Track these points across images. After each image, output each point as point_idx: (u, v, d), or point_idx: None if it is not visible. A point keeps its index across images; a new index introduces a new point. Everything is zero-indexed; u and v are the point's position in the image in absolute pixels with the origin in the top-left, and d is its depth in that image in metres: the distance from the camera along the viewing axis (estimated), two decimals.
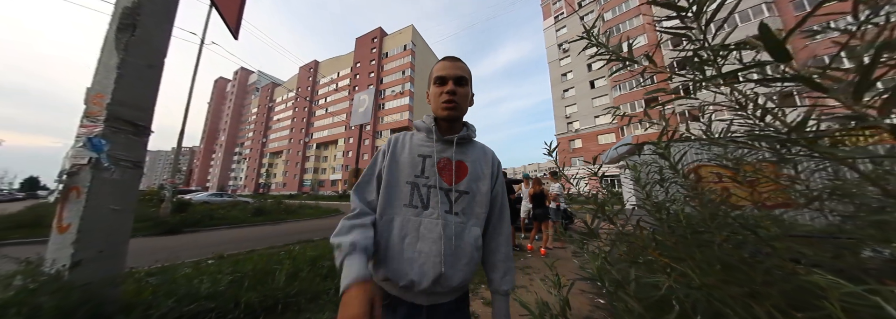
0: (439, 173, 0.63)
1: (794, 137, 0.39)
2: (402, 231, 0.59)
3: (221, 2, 2.42)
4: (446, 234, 0.58)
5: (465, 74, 0.65)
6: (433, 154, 0.64)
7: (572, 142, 27.97)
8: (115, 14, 1.51)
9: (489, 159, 0.71)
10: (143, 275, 1.61)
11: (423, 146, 0.66)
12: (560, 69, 30.49)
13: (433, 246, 0.57)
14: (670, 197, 0.86)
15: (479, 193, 0.64)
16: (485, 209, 0.65)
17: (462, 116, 0.68)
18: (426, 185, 0.62)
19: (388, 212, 0.61)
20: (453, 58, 0.66)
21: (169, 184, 7.40)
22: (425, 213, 0.60)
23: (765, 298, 0.46)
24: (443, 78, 0.64)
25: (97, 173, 1.30)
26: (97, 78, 1.42)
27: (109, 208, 1.32)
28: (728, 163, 0.76)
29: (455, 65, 0.65)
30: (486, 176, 0.68)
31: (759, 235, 0.58)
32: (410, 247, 0.57)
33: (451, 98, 0.62)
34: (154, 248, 3.98)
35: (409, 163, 0.64)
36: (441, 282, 0.56)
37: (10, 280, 1.06)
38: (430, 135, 0.67)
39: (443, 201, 0.61)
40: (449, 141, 0.66)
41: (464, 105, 0.65)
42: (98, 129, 1.34)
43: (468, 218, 0.62)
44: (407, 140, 0.69)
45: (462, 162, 0.66)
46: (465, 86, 0.64)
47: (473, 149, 0.69)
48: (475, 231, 0.62)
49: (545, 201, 3.97)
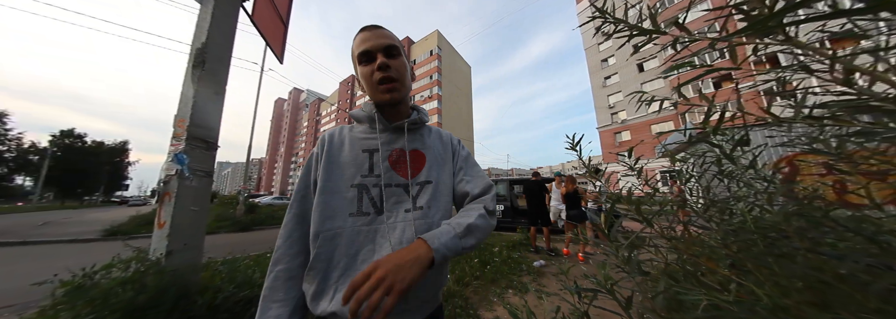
0: (392, 168, 0.53)
1: None
2: (351, 247, 0.47)
3: (268, 34, 2.85)
4: (406, 238, 0.48)
5: (393, 42, 0.52)
6: (380, 147, 0.53)
7: (618, 135, 24.67)
8: (191, 54, 1.90)
9: (447, 141, 0.62)
10: (217, 265, 1.96)
11: (368, 139, 0.54)
12: (599, 55, 27.44)
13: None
14: (734, 194, 0.70)
15: (442, 181, 0.55)
16: (451, 199, 0.57)
17: (406, 95, 0.55)
18: (377, 185, 0.51)
19: (328, 227, 0.48)
20: (373, 27, 0.52)
21: (242, 190, 8.88)
22: (380, 219, 0.49)
23: None
24: (368, 52, 0.50)
25: (182, 181, 1.64)
26: (180, 106, 1.81)
27: (190, 209, 1.66)
28: (820, 148, 0.54)
29: (377, 33, 0.51)
30: (447, 161, 0.59)
31: (884, 244, 0.40)
32: (365, 264, 0.46)
33: (386, 75, 0.50)
34: (231, 243, 4.83)
35: (351, 162, 0.52)
36: (408, 297, 0.45)
37: (128, 264, 1.40)
38: (374, 124, 0.55)
39: (401, 200, 0.51)
40: (398, 128, 0.55)
41: (405, 80, 0.53)
42: (181, 147, 1.69)
43: (434, 212, 0.52)
44: (345, 135, 0.56)
45: (418, 151, 0.55)
46: (397, 56, 0.52)
47: (428, 135, 0.59)
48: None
49: (581, 201, 3.63)
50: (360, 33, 0.52)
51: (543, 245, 3.86)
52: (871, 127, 0.36)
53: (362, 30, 0.53)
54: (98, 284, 1.32)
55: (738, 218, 0.60)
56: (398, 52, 0.53)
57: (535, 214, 3.88)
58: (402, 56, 0.53)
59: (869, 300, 0.35)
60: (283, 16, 2.99)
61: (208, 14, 1.92)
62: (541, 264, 3.19)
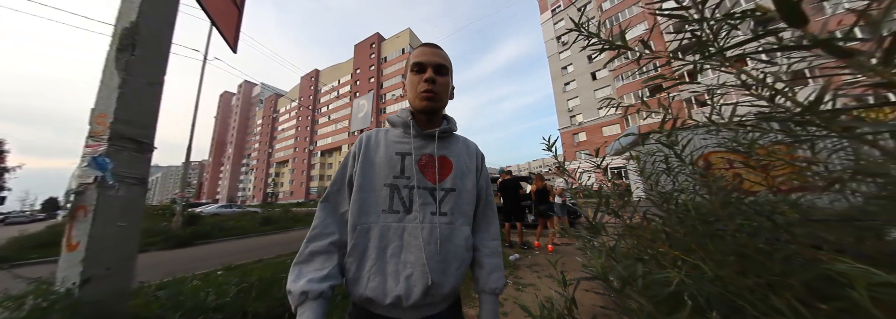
0: (421, 171, 0.57)
1: (809, 116, 0.36)
2: (382, 241, 0.52)
3: (219, 18, 2.48)
4: (433, 239, 0.52)
5: (445, 63, 0.59)
6: (412, 151, 0.58)
7: (576, 136, 27.61)
8: (115, 35, 1.55)
9: (473, 152, 0.66)
10: (152, 289, 1.63)
11: (401, 143, 0.59)
12: (560, 62, 30.27)
13: (420, 254, 0.51)
14: (678, 186, 0.82)
15: (465, 190, 0.59)
16: (472, 206, 0.61)
17: (442, 108, 0.61)
18: (407, 186, 0.55)
19: (364, 221, 0.53)
20: (433, 45, 0.60)
21: (179, 198, 7.56)
22: (408, 218, 0.53)
23: (785, 289, 0.42)
24: (421, 64, 0.57)
25: (103, 191, 1.32)
26: (100, 98, 1.46)
27: (116, 225, 1.35)
28: (739, 148, 0.71)
29: (435, 51, 0.58)
30: (471, 171, 0.63)
31: (776, 221, 0.55)
32: (394, 258, 0.51)
33: (430, 87, 0.56)
34: (167, 261, 4.06)
35: (385, 164, 0.57)
36: (432, 293, 0.50)
37: (21, 301, 1.08)
38: (408, 130, 0.60)
39: (427, 202, 0.55)
40: (429, 135, 0.60)
41: (444, 96, 0.59)
42: (102, 148, 1.37)
43: (456, 218, 0.57)
44: (381, 137, 0.62)
45: (445, 158, 0.60)
46: (445, 75, 0.59)
47: (456, 144, 0.64)
48: (465, 230, 0.57)
49: (549, 197, 3.92)
50: (420, 47, 0.60)
51: (517, 239, 4.06)
52: (778, 131, 0.50)
53: (423, 45, 0.61)
54: None
55: (682, 206, 0.72)
56: (447, 71, 0.59)
57: (509, 211, 4.07)
58: (448, 76, 0.60)
59: (774, 266, 0.47)
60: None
61: None
62: (516, 258, 3.35)
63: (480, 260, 0.61)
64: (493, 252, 0.62)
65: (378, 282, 0.50)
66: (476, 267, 0.62)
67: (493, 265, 0.61)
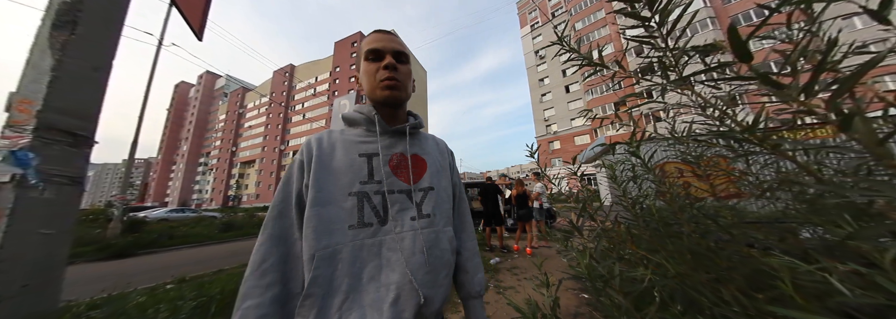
0: (394, 173, 0.50)
1: (746, 135, 0.43)
2: (355, 265, 0.42)
3: (183, 1, 2.25)
4: (417, 248, 0.45)
5: (404, 49, 0.52)
6: (380, 151, 0.50)
7: (551, 144, 29.44)
8: (50, 9, 1.33)
9: (443, 149, 0.62)
10: (83, 309, 1.39)
11: (365, 142, 0.51)
12: (537, 74, 32.22)
13: (404, 270, 0.43)
14: (643, 193, 0.92)
15: (442, 188, 0.55)
16: (451, 205, 0.57)
17: (406, 100, 0.54)
18: (379, 192, 0.47)
19: (326, 244, 0.42)
20: (387, 31, 0.54)
21: (118, 201, 6.57)
22: (384, 229, 0.45)
23: (730, 282, 0.49)
24: (378, 51, 0.50)
25: (22, 192, 1.11)
26: (24, 81, 1.23)
27: (38, 232, 1.13)
28: (690, 159, 0.83)
29: (391, 37, 0.52)
30: (445, 169, 0.59)
31: (719, 223, 0.64)
32: (373, 283, 0.42)
33: (391, 75, 0.49)
34: (100, 275, 3.47)
35: (347, 169, 0.48)
36: (423, 312, 0.43)
37: None
38: (372, 127, 0.52)
39: (405, 207, 0.48)
40: (399, 132, 0.53)
41: (407, 85, 0.53)
42: (24, 141, 1.15)
43: (439, 219, 0.51)
44: (335, 139, 0.51)
45: (418, 157, 0.54)
46: (406, 63, 0.52)
47: (426, 141, 0.59)
48: (448, 232, 0.52)
49: (528, 201, 4.08)
50: (373, 33, 0.53)
51: (497, 243, 4.15)
52: (724, 146, 0.59)
53: (376, 31, 0.54)
54: None
55: (647, 210, 0.81)
56: (407, 59, 0.54)
57: (489, 215, 4.16)
58: (409, 64, 0.54)
59: (721, 263, 0.54)
60: None
61: None
62: (497, 261, 3.41)
63: (464, 264, 0.58)
64: (473, 254, 0.60)
65: (356, 317, 0.39)
66: (460, 273, 0.57)
67: (475, 267, 0.58)
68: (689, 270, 0.56)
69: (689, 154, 0.83)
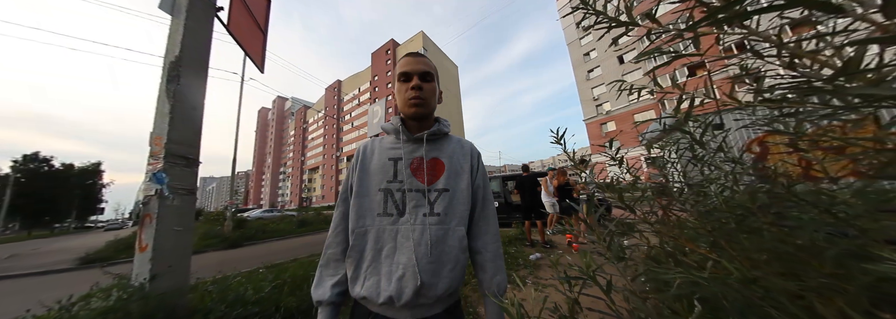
0: (413, 174, 0.59)
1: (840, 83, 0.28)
2: (377, 243, 0.55)
3: (247, 44, 2.78)
4: (424, 241, 0.54)
5: (429, 70, 0.62)
6: (403, 155, 0.61)
7: (604, 126, 25.37)
8: (165, 68, 1.83)
9: (467, 152, 0.67)
10: (206, 285, 1.88)
11: (393, 149, 0.62)
12: (581, 49, 28.19)
13: (411, 256, 0.53)
14: (707, 177, 0.73)
15: (459, 190, 0.60)
16: (467, 206, 0.61)
17: (431, 113, 0.64)
18: (400, 190, 0.58)
19: (361, 224, 0.57)
20: (416, 54, 0.63)
21: (229, 205, 8.54)
22: (401, 220, 0.56)
23: (837, 294, 0.35)
24: (407, 74, 0.61)
25: (162, 201, 1.57)
26: (156, 123, 1.74)
27: (173, 229, 1.59)
28: (780, 129, 0.55)
29: (418, 60, 0.62)
30: (465, 171, 0.63)
31: (836, 214, 0.43)
32: (388, 260, 0.54)
33: (416, 94, 0.60)
34: (220, 261, 4.62)
35: (379, 169, 0.61)
36: (423, 293, 0.52)
37: (108, 292, 1.33)
38: (399, 136, 0.63)
39: (420, 204, 0.57)
40: (419, 139, 0.62)
41: (431, 101, 0.62)
42: (160, 165, 1.62)
43: (451, 219, 0.57)
44: (376, 146, 0.65)
45: (437, 160, 0.62)
46: (430, 81, 0.62)
47: (448, 144, 0.65)
48: (459, 231, 0.57)
49: (573, 193, 3.73)
50: (404, 58, 0.64)
51: (538, 238, 3.92)
52: (819, 106, 0.36)
53: (407, 55, 0.64)
54: (77, 316, 1.24)
55: (711, 199, 0.64)
56: (432, 78, 0.63)
57: (528, 208, 3.92)
58: (434, 82, 0.63)
59: (824, 265, 0.38)
60: (260, 23, 2.93)
61: (180, 25, 1.86)
62: (537, 257, 3.23)
63: (484, 264, 0.62)
64: (495, 255, 0.63)
65: (373, 282, 0.53)
66: (480, 271, 0.62)
67: (496, 268, 0.61)
68: (771, 275, 0.41)
69: (779, 122, 0.53)
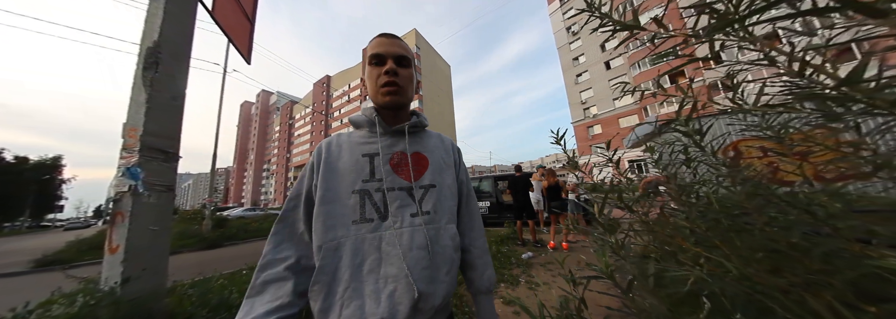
0: (394, 171, 0.52)
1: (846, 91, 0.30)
2: (356, 257, 0.45)
3: (234, 33, 2.62)
4: (415, 244, 0.46)
5: (405, 53, 0.53)
6: (381, 150, 0.52)
7: (591, 129, 26.47)
8: (141, 54, 1.69)
9: (449, 147, 0.62)
10: (185, 288, 1.76)
11: (367, 143, 0.54)
12: (571, 53, 29.17)
13: (401, 265, 0.44)
14: (699, 178, 0.77)
15: (445, 185, 0.55)
16: (455, 202, 0.57)
17: (408, 103, 0.56)
18: (379, 190, 0.50)
19: (332, 238, 0.46)
20: (390, 35, 0.54)
21: (208, 203, 8.09)
22: (385, 225, 0.47)
23: (825, 288, 0.37)
24: (380, 56, 0.52)
25: (136, 198, 1.45)
26: (130, 113, 1.60)
27: (149, 229, 1.47)
28: (767, 133, 0.63)
29: (393, 41, 0.53)
30: (450, 166, 0.59)
31: (816, 214, 0.47)
32: (372, 275, 0.44)
33: (392, 79, 0.51)
34: (198, 262, 4.37)
35: (351, 168, 0.51)
36: (421, 307, 0.44)
37: (72, 298, 1.21)
38: (374, 128, 0.54)
39: (405, 204, 0.50)
40: (399, 131, 0.55)
41: (408, 89, 0.54)
42: (134, 159, 1.50)
43: (441, 216, 0.52)
44: (343, 141, 0.55)
45: (420, 154, 0.55)
46: (407, 67, 0.53)
47: (429, 138, 0.60)
48: (451, 229, 0.52)
49: (561, 193, 3.82)
50: (376, 38, 0.54)
51: (530, 237, 3.99)
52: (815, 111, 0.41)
53: (380, 35, 0.54)
54: None
55: (703, 199, 0.67)
56: (409, 63, 0.54)
57: (520, 208, 4.00)
58: (411, 68, 0.55)
59: (812, 263, 0.41)
60: (248, 13, 2.77)
61: (159, 9, 1.71)
62: (529, 256, 3.29)
63: (473, 261, 0.58)
64: (483, 251, 0.60)
65: (355, 308, 0.42)
66: (468, 270, 0.58)
67: (484, 264, 0.59)
68: (763, 272, 0.43)
69: (764, 126, 0.60)
